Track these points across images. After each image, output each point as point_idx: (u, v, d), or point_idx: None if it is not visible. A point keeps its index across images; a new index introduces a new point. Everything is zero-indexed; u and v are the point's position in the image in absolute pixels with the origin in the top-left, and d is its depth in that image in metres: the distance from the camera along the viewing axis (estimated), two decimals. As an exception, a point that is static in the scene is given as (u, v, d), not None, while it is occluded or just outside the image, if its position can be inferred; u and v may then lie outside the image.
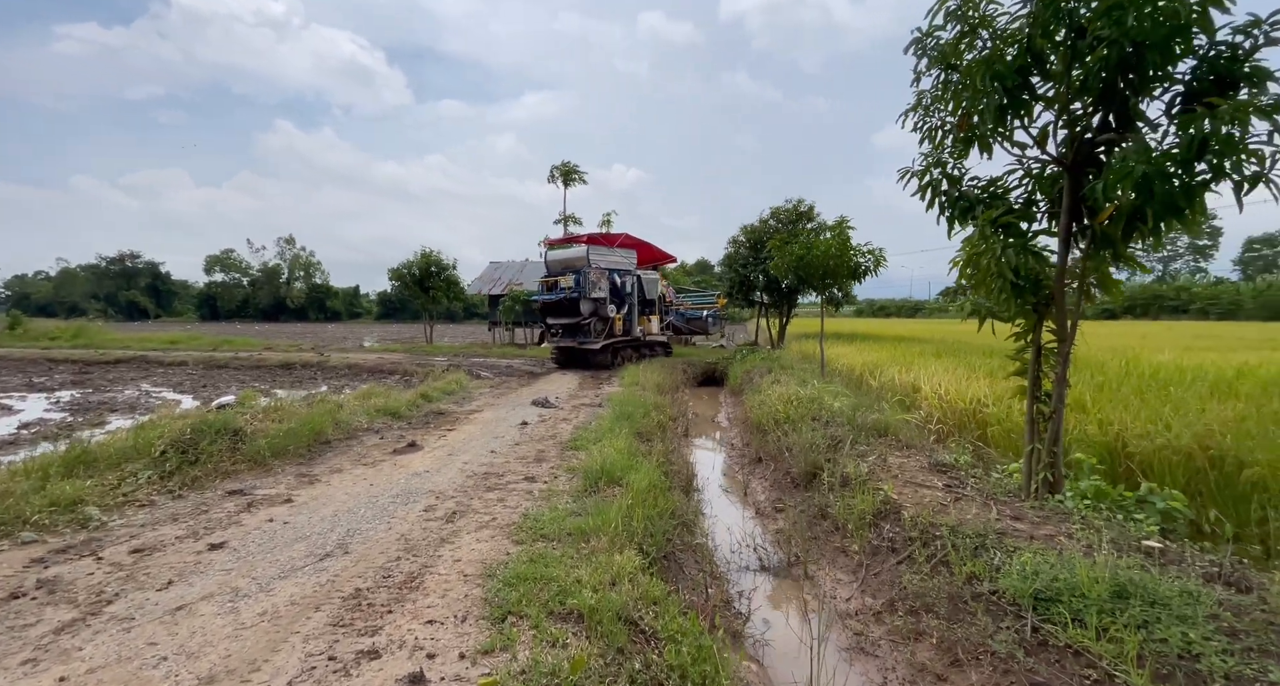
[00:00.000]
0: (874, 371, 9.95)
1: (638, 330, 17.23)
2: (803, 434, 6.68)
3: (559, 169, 24.66)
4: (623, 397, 10.15)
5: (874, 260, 9.96)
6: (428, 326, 28.81)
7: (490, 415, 8.93)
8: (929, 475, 5.07)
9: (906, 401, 7.67)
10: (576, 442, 6.67)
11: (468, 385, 12.59)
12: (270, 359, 20.80)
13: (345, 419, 7.50)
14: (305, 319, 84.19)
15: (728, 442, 9.17)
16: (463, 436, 7.33)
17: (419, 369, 17.80)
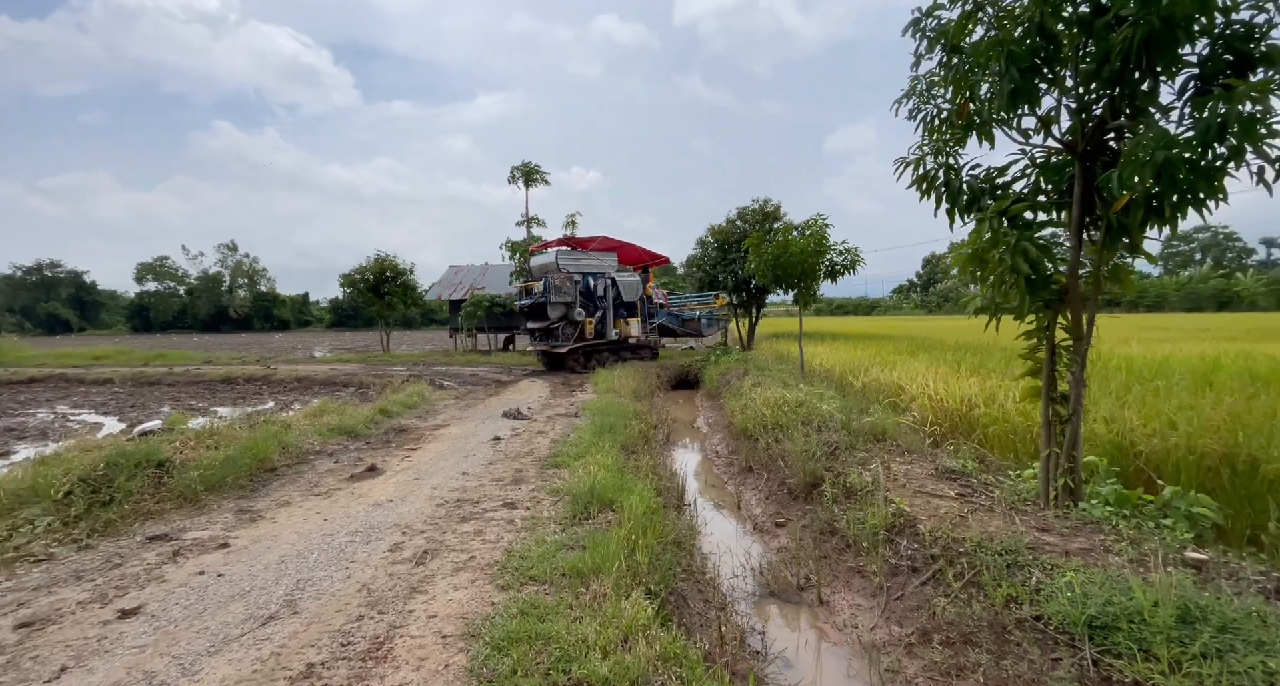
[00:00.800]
0: (855, 371, 9.76)
1: (613, 333, 16.76)
2: (796, 440, 6.34)
3: (519, 169, 23.91)
4: (599, 405, 9.65)
5: (850, 259, 9.78)
6: (384, 334, 27.53)
7: (458, 430, 8.27)
8: (938, 483, 4.79)
9: (895, 403, 7.46)
10: (557, 459, 6.13)
11: (431, 397, 11.82)
12: (209, 373, 19.30)
13: (294, 441, 6.73)
14: (250, 329, 79.91)
15: (711, 450, 8.79)
16: (429, 456, 6.68)
17: (376, 380, 16.79)
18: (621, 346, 17.12)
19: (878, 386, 8.40)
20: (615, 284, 16.73)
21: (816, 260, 9.79)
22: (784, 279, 10.29)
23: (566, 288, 16.68)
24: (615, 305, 16.92)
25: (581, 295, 16.80)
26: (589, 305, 16.97)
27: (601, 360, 16.81)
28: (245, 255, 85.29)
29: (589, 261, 16.92)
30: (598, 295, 17.00)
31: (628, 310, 17.06)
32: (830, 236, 9.67)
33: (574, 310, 16.74)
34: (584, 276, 16.74)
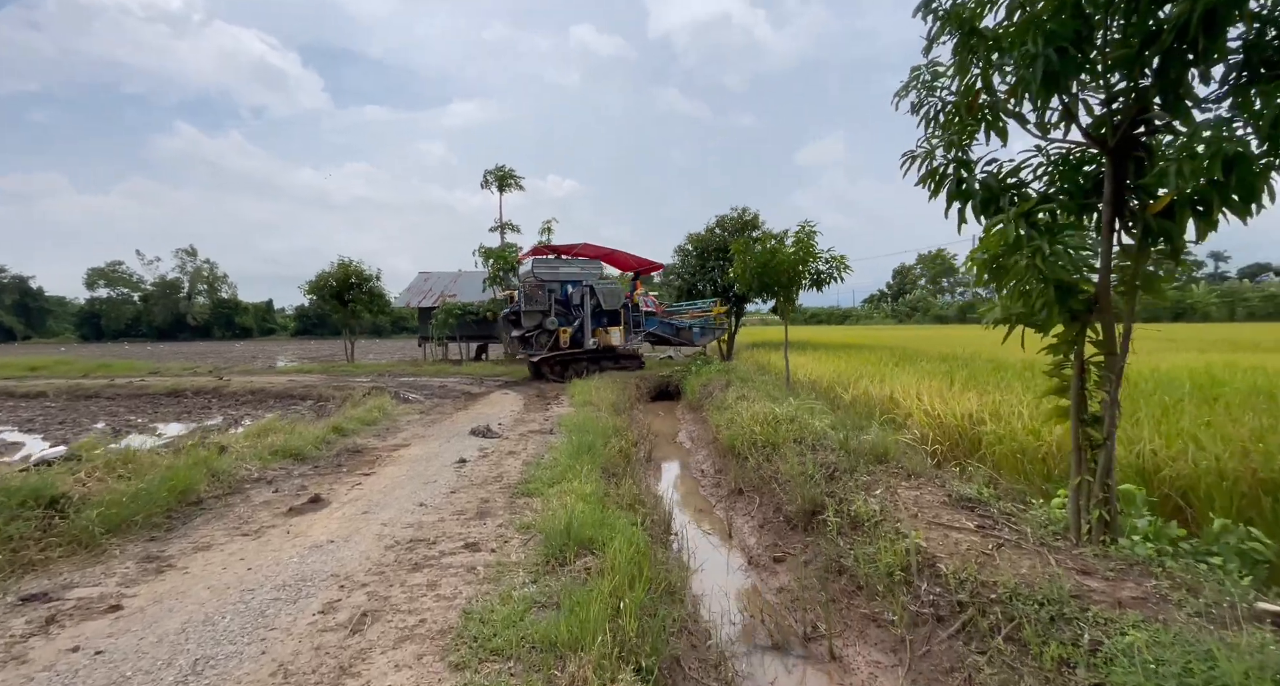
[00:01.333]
0: (842, 384, 9.36)
1: (590, 342, 16.16)
2: (790, 461, 5.83)
3: (493, 174, 23.20)
4: (576, 420, 9.02)
5: (835, 267, 9.41)
6: (348, 343, 26.34)
7: (420, 451, 7.55)
8: (953, 512, 4.32)
9: (892, 418, 7.03)
10: (529, 486, 5.49)
11: (393, 411, 11.01)
12: (155, 385, 18.00)
13: (227, 467, 5.94)
14: (210, 337, 76.68)
15: (696, 468, 8.23)
16: (383, 483, 5.96)
17: (336, 393, 15.81)
18: (602, 356, 16.53)
19: (868, 400, 7.99)
20: (594, 292, 16.16)
21: (802, 268, 9.39)
22: (768, 286, 9.86)
23: (539, 296, 16.17)
24: (595, 314, 16.34)
25: (558, 304, 16.24)
26: (566, 314, 16.41)
27: (579, 370, 16.23)
28: (205, 261, 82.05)
29: (568, 269, 16.40)
30: (574, 303, 16.44)
31: (609, 319, 16.48)
32: (817, 244, 9.29)
33: (547, 319, 16.21)
34: (562, 284, 16.22)
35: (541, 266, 16.54)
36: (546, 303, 16.08)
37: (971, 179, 4.20)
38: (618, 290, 16.32)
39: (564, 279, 16.34)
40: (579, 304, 16.40)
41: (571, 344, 16.34)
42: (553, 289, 16.28)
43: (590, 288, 16.24)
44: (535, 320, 16.38)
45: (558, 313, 16.34)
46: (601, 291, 16.18)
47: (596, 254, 17.35)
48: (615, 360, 16.71)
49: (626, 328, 16.47)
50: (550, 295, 16.17)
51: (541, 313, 16.14)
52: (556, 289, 16.30)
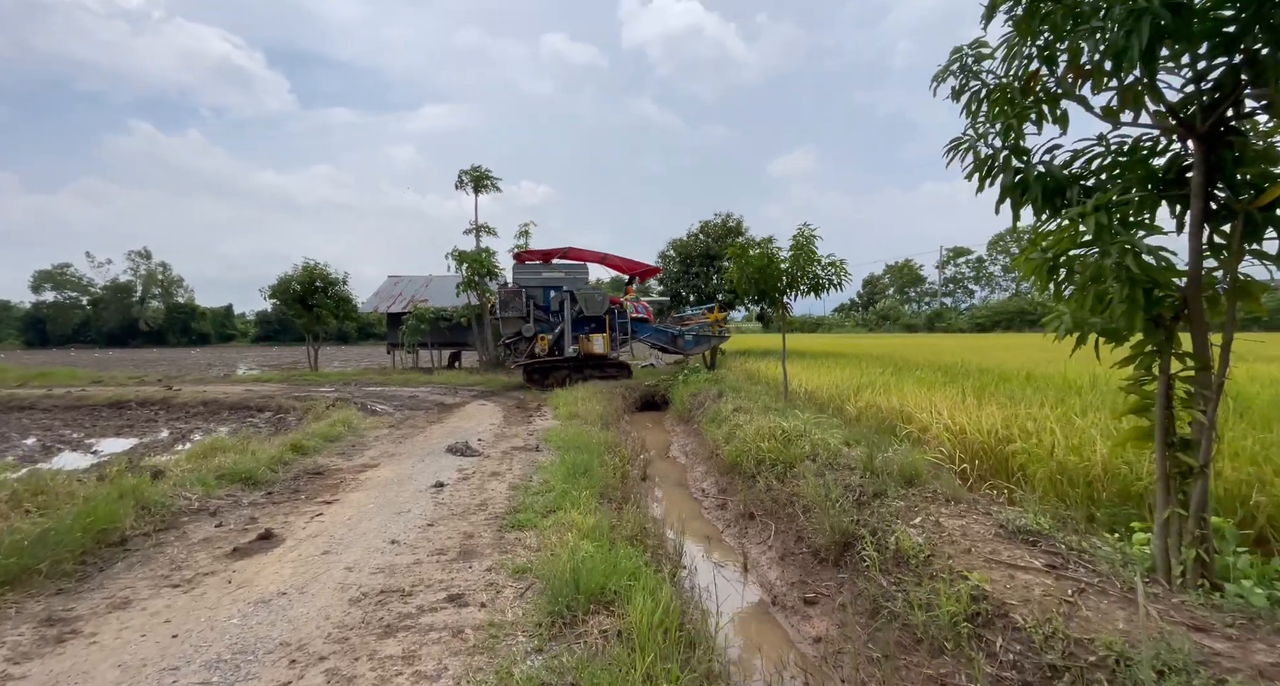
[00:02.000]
0: (844, 395, 8.89)
1: (570, 349, 15.47)
2: (808, 482, 5.27)
3: (469, 174, 22.34)
4: (563, 435, 8.34)
5: (836, 272, 8.97)
6: (311, 350, 25.00)
7: (390, 472, 6.75)
8: (1012, 547, 3.79)
9: (910, 434, 6.54)
10: (520, 516, 4.79)
11: (359, 426, 10.11)
12: (96, 395, 16.57)
13: (161, 497, 5.07)
14: (164, 343, 73.00)
15: (696, 487, 7.62)
16: (348, 513, 5.18)
17: (297, 404, 14.73)
18: (585, 364, 15.85)
19: (878, 413, 7.51)
20: (575, 297, 15.49)
21: (802, 272, 8.92)
22: (765, 292, 9.36)
23: (515, 302, 15.52)
24: (577, 320, 15.66)
25: (539, 309, 15.56)
26: (546, 320, 15.74)
27: (560, 379, 15.54)
28: (160, 263, 78.31)
29: (551, 274, 15.76)
30: (552, 309, 15.77)
31: (593, 325, 15.82)
32: (817, 248, 8.83)
33: (525, 325, 15.55)
34: (544, 290, 15.57)
35: (522, 271, 15.88)
36: (524, 308, 15.42)
37: (1030, 169, 3.73)
38: (601, 296, 15.68)
39: (546, 284, 15.68)
40: (558, 310, 15.73)
41: (551, 351, 15.65)
42: (533, 294, 15.59)
43: (570, 293, 15.58)
44: (514, 327, 15.71)
45: (538, 319, 15.65)
46: (583, 297, 15.52)
47: (587, 258, 16.72)
48: (600, 368, 16.04)
49: (611, 334, 15.81)
50: (529, 301, 15.49)
51: (520, 318, 15.48)
52: (538, 294, 15.61)
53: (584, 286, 15.79)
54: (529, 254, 16.76)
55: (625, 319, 16.05)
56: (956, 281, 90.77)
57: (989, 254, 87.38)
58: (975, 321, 65.26)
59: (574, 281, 15.74)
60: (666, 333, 16.53)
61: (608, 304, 15.71)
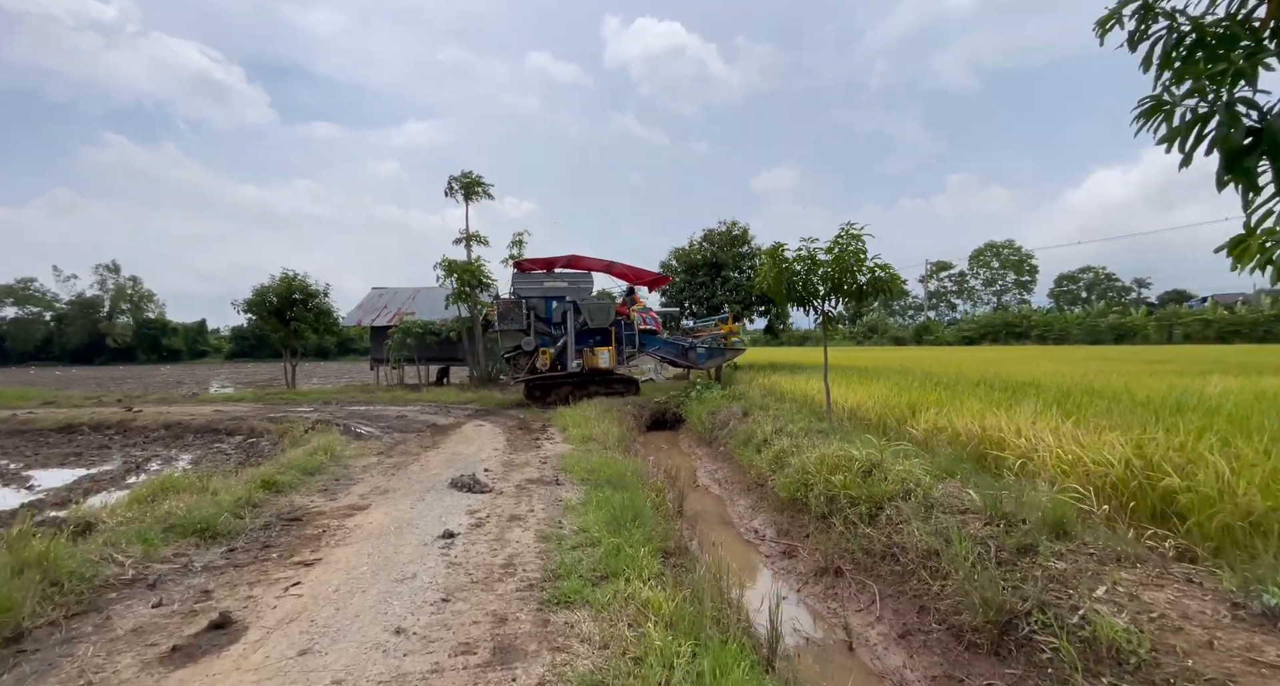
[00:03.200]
0: (899, 415, 7.90)
1: (574, 364, 14.35)
2: (916, 529, 4.23)
3: (459, 180, 21.24)
4: (584, 465, 7.22)
5: (889, 278, 8.04)
6: (288, 366, 23.46)
7: (384, 517, 5.54)
8: (1267, 636, 2.77)
9: (1003, 462, 5.55)
10: (562, 586, 3.65)
11: (343, 453, 8.84)
12: (43, 419, 14.95)
13: (80, 566, 3.83)
14: (133, 361, 69.89)
15: (747, 528, 6.52)
16: (334, 582, 3.98)
17: (272, 426, 13.33)
18: (590, 379, 14.72)
19: (952, 438, 6.51)
20: (579, 308, 14.42)
21: (848, 277, 7.96)
22: (805, 299, 8.37)
23: (514, 314, 14.44)
24: (581, 333, 14.57)
25: (541, 321, 14.47)
26: (548, 333, 14.64)
27: (564, 395, 14.40)
28: (129, 277, 75.31)
29: (554, 283, 14.71)
30: (555, 321, 14.67)
31: (599, 337, 14.72)
32: (865, 250, 7.89)
33: (525, 339, 14.44)
34: (545, 300, 14.50)
35: (522, 281, 14.80)
36: (524, 320, 14.33)
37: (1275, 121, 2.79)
38: (605, 306, 14.63)
39: (548, 294, 14.61)
40: (560, 322, 14.64)
41: (553, 366, 14.51)
42: (534, 305, 14.50)
43: (574, 304, 14.50)
44: (513, 340, 14.58)
45: (539, 331, 14.53)
46: (588, 308, 14.45)
47: (592, 266, 15.70)
48: (606, 384, 14.92)
49: (618, 347, 14.74)
50: (530, 313, 14.39)
51: (520, 331, 14.38)
52: (539, 305, 14.52)
53: (588, 296, 14.74)
54: (531, 262, 15.68)
55: (632, 331, 14.98)
56: (940, 295, 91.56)
57: (970, 268, 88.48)
58: (963, 334, 65.50)
59: (578, 291, 14.68)
60: (677, 345, 15.48)
61: (614, 315, 14.65)
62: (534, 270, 15.60)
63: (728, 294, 19.92)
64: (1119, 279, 77.49)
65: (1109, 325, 55.21)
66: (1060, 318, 61.24)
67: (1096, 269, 77.71)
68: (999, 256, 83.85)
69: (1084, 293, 78.98)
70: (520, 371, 14.75)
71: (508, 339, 14.70)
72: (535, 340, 14.45)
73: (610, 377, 15.12)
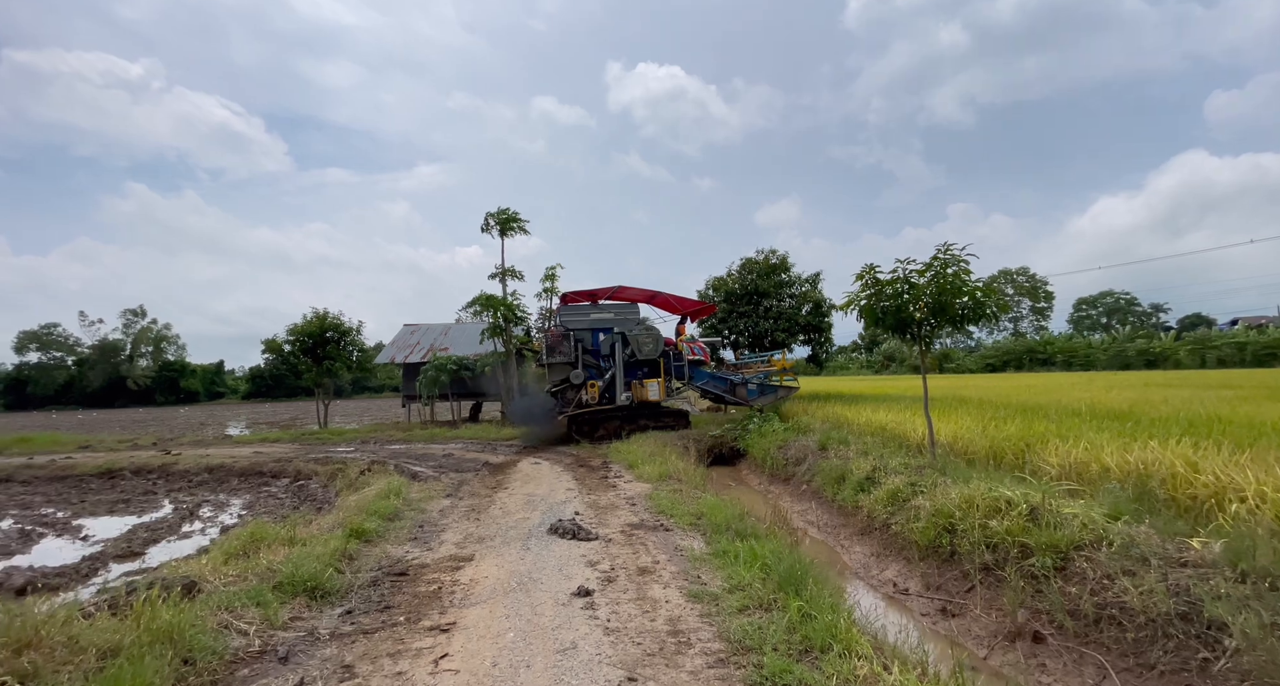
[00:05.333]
0: (1012, 448, 7.35)
1: (623, 397, 13.91)
2: (1141, 587, 3.69)
3: (495, 216, 21.34)
4: (680, 506, 6.80)
5: (995, 301, 7.63)
6: (321, 405, 23.18)
7: (498, 570, 5.04)
8: None
9: (1176, 503, 5.00)
10: (764, 663, 3.13)
11: (412, 496, 8.38)
12: (84, 464, 14.62)
13: (202, 634, 3.37)
14: (151, 403, 70.08)
15: (873, 577, 5.93)
16: (485, 655, 3.48)
17: (319, 467, 12.91)
18: (639, 412, 14.25)
19: (1096, 472, 5.95)
20: (626, 340, 14.09)
21: (948, 301, 7.54)
22: (903, 325, 7.95)
23: (562, 347, 14.17)
24: (629, 365, 14.18)
25: (588, 354, 14.16)
26: (596, 365, 14.30)
27: (613, 430, 13.91)
28: (153, 321, 76.34)
29: (600, 315, 14.44)
30: (602, 353, 14.36)
31: (647, 370, 14.32)
32: (969, 272, 7.51)
33: (573, 372, 14.11)
34: (592, 332, 14.22)
35: (569, 313, 14.58)
36: (572, 353, 14.03)
37: None
38: (655, 337, 14.27)
39: (594, 326, 14.34)
40: (609, 353, 14.29)
41: (601, 399, 14.10)
42: (581, 338, 14.22)
43: (622, 335, 14.17)
44: (560, 373, 14.24)
45: (587, 364, 14.20)
46: (635, 339, 14.10)
47: (636, 297, 15.43)
48: (656, 418, 14.40)
49: (667, 379, 14.31)
50: (577, 345, 14.10)
51: (567, 364, 14.08)
52: (586, 337, 14.24)
53: (635, 327, 14.43)
54: (576, 295, 15.47)
55: (681, 362, 14.56)
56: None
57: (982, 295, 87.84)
58: (986, 361, 64.31)
59: (624, 322, 14.38)
60: (725, 380, 14.99)
61: (662, 346, 14.28)
62: (579, 302, 15.38)
63: (770, 323, 19.57)
64: (1140, 304, 76.24)
65: (1137, 351, 54.04)
66: (1085, 343, 60.14)
67: (1117, 294, 76.57)
68: (1013, 283, 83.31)
69: (1104, 318, 77.74)
70: (568, 405, 14.32)
71: (555, 372, 14.36)
72: (583, 373, 14.10)
73: (660, 410, 14.64)
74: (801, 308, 20.13)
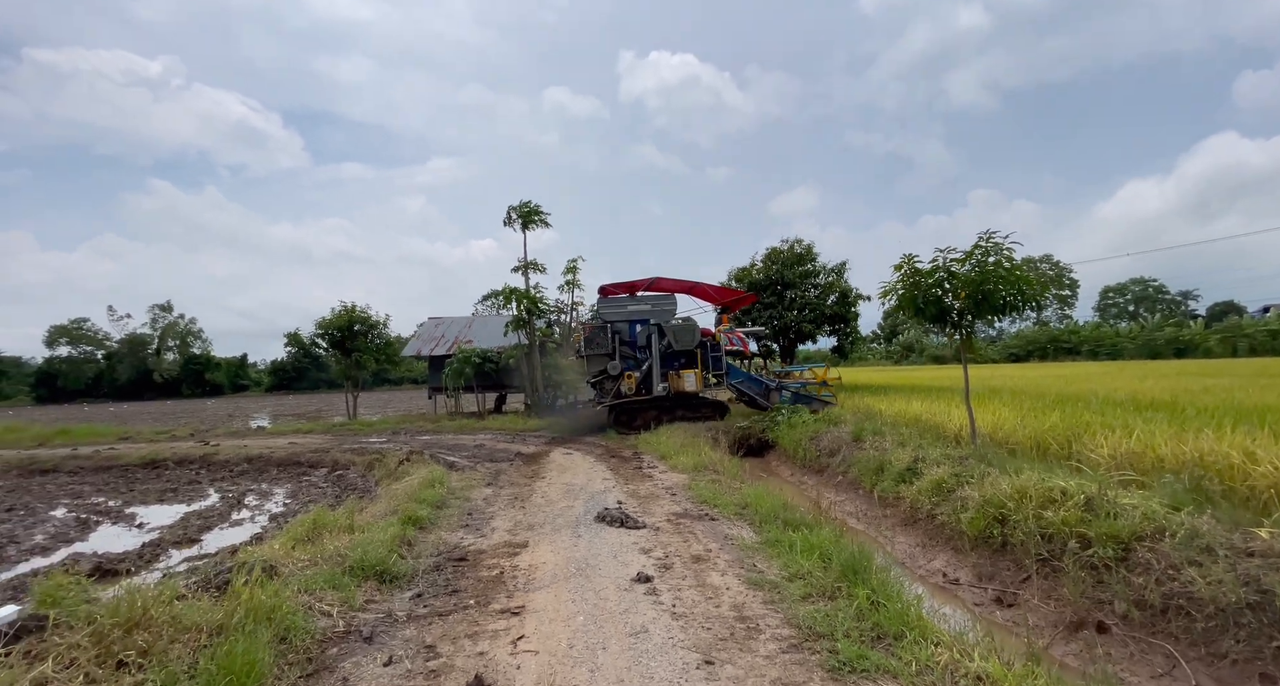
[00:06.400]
0: (1056, 439, 7.30)
1: (659, 387, 14.02)
2: (1209, 578, 3.67)
3: (517, 210, 21.40)
4: (723, 496, 6.89)
5: (1040, 290, 7.54)
6: (349, 397, 23.61)
7: (554, 556, 5.16)
8: None
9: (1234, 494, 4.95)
10: (836, 648, 3.19)
11: (455, 485, 8.56)
12: (127, 454, 15.08)
13: (293, 614, 3.51)
14: (177, 395, 71.74)
15: (921, 567, 5.96)
16: (560, 636, 3.59)
17: (356, 458, 13.20)
18: (676, 404, 14.34)
19: (1149, 463, 5.90)
20: (663, 331, 14.16)
21: (991, 291, 7.46)
22: (943, 315, 7.90)
23: (599, 339, 14.33)
24: (666, 356, 14.27)
25: (625, 345, 14.30)
26: (633, 356, 14.46)
27: (649, 420, 14.04)
28: (180, 316, 78.02)
29: (637, 306, 14.58)
30: (639, 345, 14.46)
31: (684, 360, 14.40)
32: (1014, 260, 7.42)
33: (610, 363, 14.26)
34: (629, 324, 14.36)
35: (606, 305, 14.73)
36: (609, 345, 14.18)
37: None
38: (691, 328, 14.32)
39: (631, 318, 14.45)
40: (645, 345, 14.38)
41: (638, 390, 14.23)
42: (618, 329, 14.35)
43: (658, 327, 14.25)
44: (599, 365, 14.40)
45: (624, 355, 14.34)
46: (672, 330, 14.18)
47: (674, 288, 15.53)
48: (693, 408, 14.49)
49: (704, 370, 14.35)
50: (615, 337, 14.23)
51: (605, 356, 14.24)
52: (623, 329, 14.36)
53: (672, 319, 14.50)
54: (614, 287, 15.57)
55: (719, 353, 14.57)
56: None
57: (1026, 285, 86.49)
58: (1009, 351, 63.12)
59: (661, 314, 14.47)
60: (761, 383, 14.90)
61: (699, 337, 14.32)
62: (617, 294, 15.48)
63: (795, 313, 19.48)
64: (1168, 291, 74.13)
65: (1167, 339, 52.74)
66: (1112, 332, 58.77)
67: (1146, 281, 74.49)
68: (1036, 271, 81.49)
69: (1131, 306, 75.78)
70: (606, 396, 14.53)
71: (593, 364, 14.51)
72: (620, 364, 14.25)
73: (698, 401, 14.70)
74: (827, 297, 20.01)
